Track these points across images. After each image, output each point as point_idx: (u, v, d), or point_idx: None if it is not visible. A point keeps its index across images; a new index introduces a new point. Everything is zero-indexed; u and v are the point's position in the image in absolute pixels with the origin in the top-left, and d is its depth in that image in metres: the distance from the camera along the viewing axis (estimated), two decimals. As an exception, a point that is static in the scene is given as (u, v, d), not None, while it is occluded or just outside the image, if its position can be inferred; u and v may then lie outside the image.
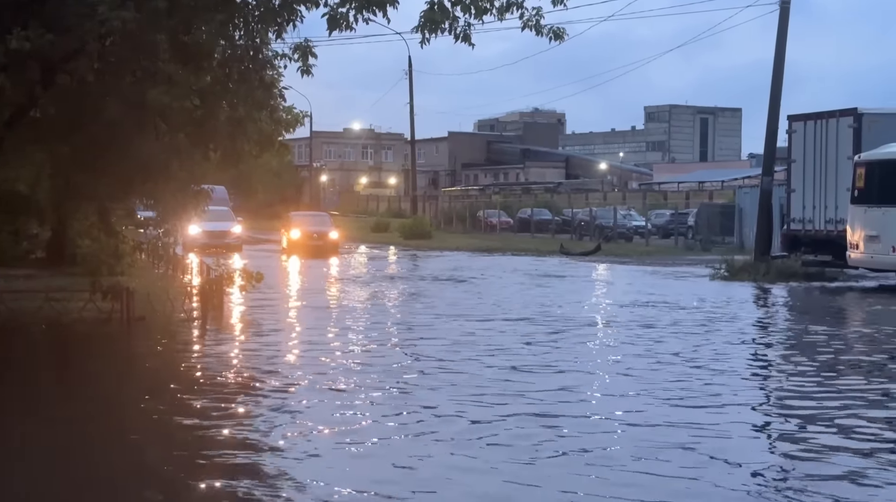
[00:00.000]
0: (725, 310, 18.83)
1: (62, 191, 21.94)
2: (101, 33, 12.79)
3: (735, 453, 8.01)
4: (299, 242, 38.77)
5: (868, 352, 13.88)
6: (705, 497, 6.96)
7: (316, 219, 42.24)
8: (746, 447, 8.39)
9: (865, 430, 8.86)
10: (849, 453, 8.05)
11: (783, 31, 28.92)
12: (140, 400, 10.30)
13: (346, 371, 11.87)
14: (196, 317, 16.35)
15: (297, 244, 38.69)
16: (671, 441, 8.35)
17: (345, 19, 13.32)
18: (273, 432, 8.71)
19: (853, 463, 7.74)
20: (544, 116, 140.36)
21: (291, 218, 41.81)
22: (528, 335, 15.01)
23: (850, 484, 7.24)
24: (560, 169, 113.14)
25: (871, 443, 8.41)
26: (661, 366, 12.22)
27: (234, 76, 14.96)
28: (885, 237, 22.65)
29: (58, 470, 7.62)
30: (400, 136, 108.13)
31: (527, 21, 13.53)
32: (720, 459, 7.79)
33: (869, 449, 8.18)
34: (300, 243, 38.69)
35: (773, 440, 8.89)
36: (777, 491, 7.04)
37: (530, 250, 41.79)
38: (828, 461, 7.85)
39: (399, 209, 75.45)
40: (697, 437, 8.50)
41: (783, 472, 7.54)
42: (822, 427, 9.04)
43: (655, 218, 52.04)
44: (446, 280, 26.55)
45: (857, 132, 25.17)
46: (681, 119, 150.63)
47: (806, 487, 7.08)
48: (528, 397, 10.18)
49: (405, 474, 7.46)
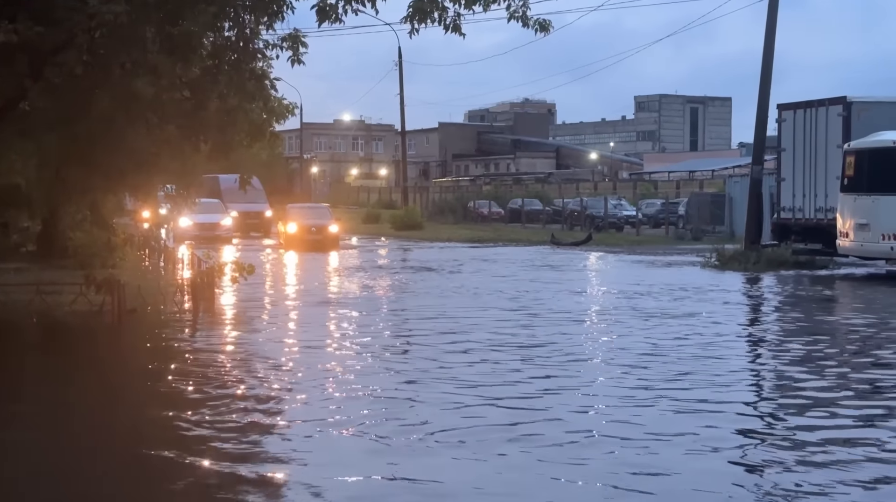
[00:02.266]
0: (715, 299, 18.89)
1: (52, 183, 21.90)
2: (90, 26, 12.77)
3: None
4: (297, 236, 36.77)
5: (847, 343, 13.95)
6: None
7: (315, 212, 39.84)
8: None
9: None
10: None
11: (772, 20, 28.94)
12: (128, 391, 10.32)
13: (343, 360, 11.90)
14: (187, 309, 16.35)
15: (295, 238, 36.69)
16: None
17: (334, 10, 13.31)
18: (256, 420, 8.74)
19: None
20: (535, 107, 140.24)
21: (288, 210, 39.30)
22: (528, 326, 15.05)
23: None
24: (550, 159, 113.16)
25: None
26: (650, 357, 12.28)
27: (225, 67, 14.93)
28: (875, 225, 22.72)
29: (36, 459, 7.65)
30: (390, 128, 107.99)
31: (513, 12, 13.52)
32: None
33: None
34: (298, 237, 36.67)
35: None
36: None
37: (521, 240, 41.82)
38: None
39: (390, 200, 75.37)
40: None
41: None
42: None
43: (646, 207, 52.11)
44: (435, 270, 26.56)
45: (847, 120, 25.22)
46: (671, 108, 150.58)
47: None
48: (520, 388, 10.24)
49: (387, 459, 7.50)
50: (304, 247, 35.57)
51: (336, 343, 13.65)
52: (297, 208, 39.97)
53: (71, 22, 12.67)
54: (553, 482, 7.04)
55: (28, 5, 13.04)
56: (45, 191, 23.54)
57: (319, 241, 36.44)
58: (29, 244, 27.38)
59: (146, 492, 7.01)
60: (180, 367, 11.71)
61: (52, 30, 12.71)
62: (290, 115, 19.12)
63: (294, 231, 36.96)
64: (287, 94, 19.38)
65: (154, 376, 11.15)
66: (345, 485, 7.02)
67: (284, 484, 7.08)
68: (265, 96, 15.96)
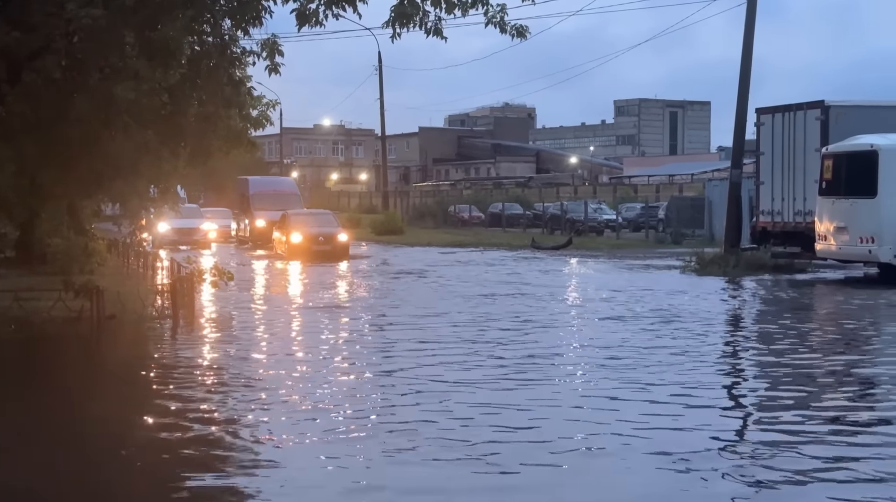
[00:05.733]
0: (694, 304, 18.95)
1: (30, 189, 21.76)
2: (68, 31, 12.72)
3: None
4: (302, 247, 33.03)
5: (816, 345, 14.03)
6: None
7: (319, 219, 35.71)
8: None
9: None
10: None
11: (751, 24, 29.05)
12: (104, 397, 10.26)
13: (316, 365, 11.87)
14: (167, 315, 16.26)
15: (301, 249, 32.95)
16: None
17: (314, 15, 13.28)
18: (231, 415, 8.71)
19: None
20: (515, 111, 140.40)
21: (290, 218, 35.08)
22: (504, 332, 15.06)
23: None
24: (531, 163, 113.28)
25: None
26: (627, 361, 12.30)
27: (203, 73, 14.89)
28: (853, 228, 22.83)
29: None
30: (370, 132, 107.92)
31: (491, 17, 13.53)
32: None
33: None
34: (304, 248, 32.97)
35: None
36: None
37: (502, 245, 41.85)
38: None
39: (370, 205, 75.26)
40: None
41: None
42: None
43: (626, 211, 52.22)
44: (410, 273, 26.55)
45: (825, 124, 25.33)
46: (650, 113, 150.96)
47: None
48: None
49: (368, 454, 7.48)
50: (312, 258, 32.09)
51: (312, 351, 13.61)
52: (299, 215, 36.13)
53: (48, 27, 12.63)
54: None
55: (5, 10, 12.98)
56: (23, 196, 23.37)
57: (328, 252, 32.83)
58: (7, 250, 27.16)
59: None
60: (154, 376, 11.66)
61: (30, 35, 12.66)
62: (268, 124, 19.09)
63: (299, 241, 33.32)
64: (267, 97, 19.22)
65: (128, 384, 11.08)
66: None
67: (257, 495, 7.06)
68: (241, 103, 15.92)
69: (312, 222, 34.75)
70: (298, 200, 44.18)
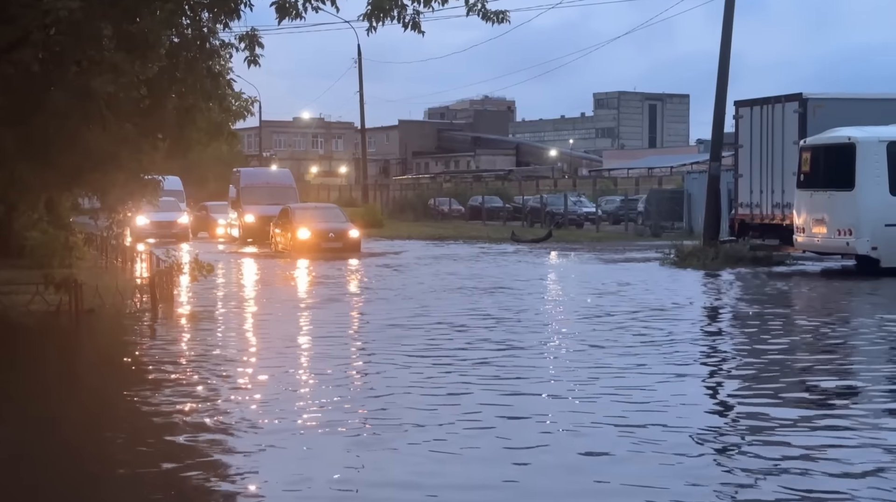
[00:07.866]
0: (672, 296, 19.04)
1: (7, 182, 21.62)
2: (45, 23, 12.64)
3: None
4: (311, 243, 30.86)
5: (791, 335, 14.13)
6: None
7: (327, 214, 33.67)
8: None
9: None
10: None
11: (729, 17, 29.13)
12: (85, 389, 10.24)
13: (297, 359, 11.86)
14: (146, 308, 16.23)
15: (309, 245, 30.75)
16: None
17: (294, 8, 13.27)
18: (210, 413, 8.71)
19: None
20: (494, 104, 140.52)
21: (293, 212, 32.94)
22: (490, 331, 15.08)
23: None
24: (510, 156, 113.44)
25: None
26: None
27: (182, 66, 14.83)
28: (831, 220, 22.95)
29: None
30: (350, 125, 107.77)
31: (471, 6, 13.55)
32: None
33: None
34: (313, 244, 30.81)
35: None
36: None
37: (482, 238, 41.87)
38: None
39: (350, 198, 75.05)
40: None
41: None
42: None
43: (606, 204, 52.36)
44: (386, 266, 26.56)
45: (803, 117, 25.43)
46: (629, 105, 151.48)
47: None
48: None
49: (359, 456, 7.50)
50: (322, 255, 29.82)
51: (294, 344, 13.61)
52: (304, 210, 34.12)
53: (25, 19, 12.55)
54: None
55: (-20, 3, 12.89)
56: (1, 189, 23.22)
57: (339, 250, 30.83)
58: (-15, 244, 26.99)
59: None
60: (131, 370, 11.63)
61: (6, 27, 12.58)
62: (248, 115, 19.07)
63: (307, 237, 31.14)
64: (246, 91, 19.25)
65: (105, 379, 11.06)
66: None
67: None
68: (220, 95, 15.88)
69: (320, 217, 32.86)
70: (294, 194, 42.10)
